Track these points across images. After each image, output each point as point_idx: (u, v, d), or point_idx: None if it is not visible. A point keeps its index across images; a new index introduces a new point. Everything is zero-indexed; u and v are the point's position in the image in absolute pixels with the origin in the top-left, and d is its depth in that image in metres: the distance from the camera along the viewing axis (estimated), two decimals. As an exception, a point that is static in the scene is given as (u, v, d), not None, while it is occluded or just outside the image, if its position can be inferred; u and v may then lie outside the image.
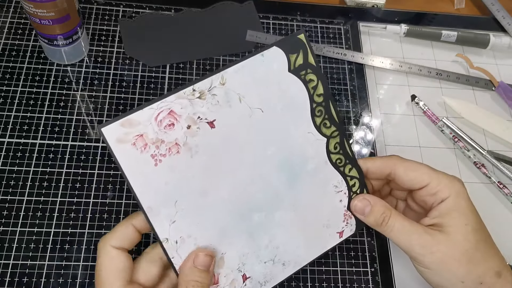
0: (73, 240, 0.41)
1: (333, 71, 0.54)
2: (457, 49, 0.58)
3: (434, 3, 0.63)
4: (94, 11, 0.54)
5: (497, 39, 0.58)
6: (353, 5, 0.60)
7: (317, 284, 0.42)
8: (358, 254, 0.44)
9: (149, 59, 0.51)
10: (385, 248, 0.44)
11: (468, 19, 0.61)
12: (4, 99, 0.47)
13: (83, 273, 0.40)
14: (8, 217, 0.41)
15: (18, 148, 0.44)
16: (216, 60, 0.53)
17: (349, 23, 0.58)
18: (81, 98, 0.48)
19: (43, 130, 0.46)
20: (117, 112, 0.48)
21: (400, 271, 0.43)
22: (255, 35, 0.54)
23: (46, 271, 0.40)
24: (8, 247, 0.40)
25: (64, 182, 0.43)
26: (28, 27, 0.51)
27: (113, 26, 0.53)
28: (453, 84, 0.56)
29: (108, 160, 0.45)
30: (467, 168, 0.50)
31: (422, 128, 0.52)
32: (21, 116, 0.46)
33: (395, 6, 0.61)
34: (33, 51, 0.50)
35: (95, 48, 0.51)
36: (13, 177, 0.43)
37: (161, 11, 0.55)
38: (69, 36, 0.46)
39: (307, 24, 0.57)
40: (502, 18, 0.60)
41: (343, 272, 0.43)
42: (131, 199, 0.44)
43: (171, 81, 0.51)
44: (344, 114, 0.51)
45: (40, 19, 0.43)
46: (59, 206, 0.42)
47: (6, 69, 0.48)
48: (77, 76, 0.49)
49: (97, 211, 0.43)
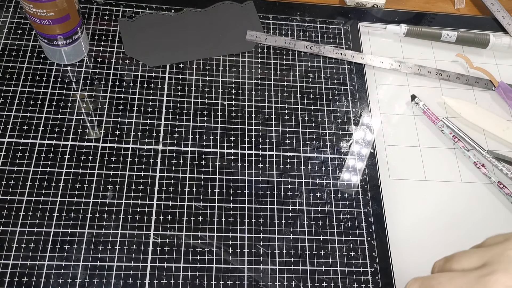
0: (73, 240, 0.41)
1: (333, 71, 0.54)
2: (457, 49, 0.58)
3: (434, 3, 0.63)
4: (94, 11, 0.54)
5: (497, 39, 0.58)
6: (353, 5, 0.60)
7: (317, 284, 0.42)
8: (358, 254, 0.44)
9: (149, 59, 0.51)
10: (385, 248, 0.44)
11: (468, 19, 0.61)
12: (4, 99, 0.47)
13: (83, 273, 0.40)
14: (8, 217, 0.41)
15: (18, 148, 0.44)
16: (216, 60, 0.53)
17: (349, 23, 0.58)
18: (81, 98, 0.48)
19: (43, 130, 0.46)
20: (117, 112, 0.48)
21: (400, 271, 0.43)
22: (255, 35, 0.54)
23: (46, 271, 0.40)
24: (8, 247, 0.40)
25: (64, 182, 0.43)
26: (28, 27, 0.51)
27: (113, 26, 0.53)
28: (453, 84, 0.56)
29: (108, 160, 0.45)
30: (467, 168, 0.50)
31: (422, 128, 0.52)
32: (21, 116, 0.46)
33: (395, 6, 0.61)
34: (33, 51, 0.50)
35: (95, 48, 0.51)
36: (13, 177, 0.43)
37: (161, 11, 0.55)
38: (69, 36, 0.46)
39: (307, 24, 0.57)
40: (502, 18, 0.60)
41: (343, 272, 0.43)
42: (131, 199, 0.44)
43: (171, 81, 0.51)
44: (344, 114, 0.51)
45: (40, 19, 0.43)
46: (59, 206, 0.42)
47: (6, 69, 0.48)
48: (77, 76, 0.49)
49: (97, 211, 0.43)
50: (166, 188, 0.45)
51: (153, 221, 0.43)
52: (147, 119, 0.48)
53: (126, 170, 0.45)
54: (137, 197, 0.44)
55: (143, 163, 0.45)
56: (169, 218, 0.43)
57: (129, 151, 0.46)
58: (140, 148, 0.46)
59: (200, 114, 0.49)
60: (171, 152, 0.47)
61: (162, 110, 0.49)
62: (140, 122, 0.48)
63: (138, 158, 0.46)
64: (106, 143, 0.46)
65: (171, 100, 0.49)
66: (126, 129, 0.47)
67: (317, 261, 0.43)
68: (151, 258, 0.41)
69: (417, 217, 0.47)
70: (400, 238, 0.45)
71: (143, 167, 0.45)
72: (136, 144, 0.46)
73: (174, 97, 0.50)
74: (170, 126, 0.48)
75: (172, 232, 0.43)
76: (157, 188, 0.44)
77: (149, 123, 0.48)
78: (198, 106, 0.50)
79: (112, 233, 0.42)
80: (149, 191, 0.44)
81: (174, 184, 0.45)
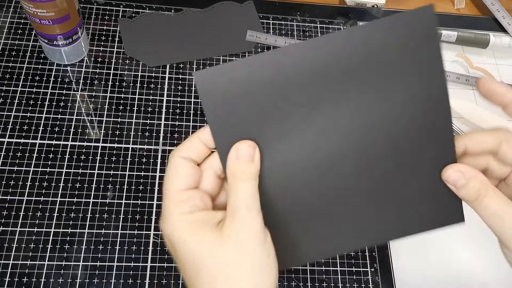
0: (73, 240, 0.41)
1: (333, 71, 0.54)
2: (457, 49, 0.58)
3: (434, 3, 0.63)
4: (94, 11, 0.54)
5: (497, 39, 0.58)
6: (353, 5, 0.60)
7: (317, 284, 0.42)
8: (358, 254, 0.44)
9: (149, 59, 0.51)
10: (385, 248, 0.44)
11: (468, 19, 0.61)
12: (4, 99, 0.47)
13: (83, 273, 0.40)
14: (8, 217, 0.41)
15: (18, 148, 0.44)
16: (216, 60, 0.53)
17: (349, 23, 0.58)
18: (81, 98, 0.48)
19: (43, 130, 0.46)
20: (117, 112, 0.48)
21: (400, 271, 0.43)
22: (255, 35, 0.54)
23: (46, 271, 0.40)
24: (8, 247, 0.40)
25: (64, 182, 0.43)
26: (28, 27, 0.51)
27: (113, 26, 0.53)
28: (453, 84, 0.56)
29: (108, 160, 0.45)
30: (467, 168, 0.50)
31: (422, 128, 0.52)
32: (21, 116, 0.46)
33: (395, 6, 0.61)
34: (33, 51, 0.50)
35: (95, 48, 0.51)
36: (13, 177, 0.43)
37: (161, 11, 0.55)
38: (69, 36, 0.46)
39: (307, 24, 0.57)
40: (502, 18, 0.60)
41: (343, 272, 0.43)
42: (131, 199, 0.44)
43: (171, 81, 0.51)
44: (344, 114, 0.51)
45: (40, 19, 0.43)
46: (59, 206, 0.42)
47: (6, 69, 0.48)
48: (77, 76, 0.49)
49: (97, 211, 0.43)
50: (166, 188, 0.45)
51: (153, 221, 0.43)
52: (147, 119, 0.48)
53: (126, 170, 0.45)
54: (137, 197, 0.44)
55: (143, 163, 0.45)
56: (169, 218, 0.43)
57: (129, 151, 0.46)
58: (140, 148, 0.46)
59: (200, 114, 0.49)
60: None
61: (162, 110, 0.49)
62: (140, 122, 0.48)
63: (138, 158, 0.46)
64: (106, 143, 0.46)
65: (171, 100, 0.49)
66: (126, 129, 0.47)
67: (317, 261, 0.43)
68: (151, 258, 0.41)
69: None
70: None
71: (143, 167, 0.45)
72: (136, 144, 0.46)
73: (174, 97, 0.50)
74: (170, 126, 0.48)
75: (172, 232, 0.43)
76: (157, 188, 0.44)
77: (149, 123, 0.48)
78: (198, 106, 0.50)
79: (112, 233, 0.42)
80: (149, 191, 0.44)
81: (174, 184, 0.45)
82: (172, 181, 0.30)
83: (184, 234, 0.29)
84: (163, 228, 0.29)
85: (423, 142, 0.33)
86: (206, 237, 0.28)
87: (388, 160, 0.32)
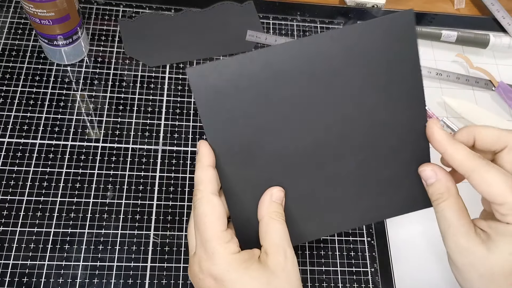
0: (73, 240, 0.41)
1: (333, 71, 0.54)
2: (457, 49, 0.58)
3: (434, 3, 0.63)
4: (94, 11, 0.54)
5: (497, 39, 0.58)
6: (353, 5, 0.60)
7: (317, 284, 0.42)
8: (358, 254, 0.44)
9: (149, 59, 0.51)
10: (385, 248, 0.44)
11: (468, 19, 0.61)
12: (4, 99, 0.47)
13: (83, 273, 0.40)
14: (8, 217, 0.41)
15: (18, 148, 0.44)
16: (216, 60, 0.53)
17: (349, 23, 0.58)
18: (81, 98, 0.48)
19: (43, 130, 0.46)
20: (117, 112, 0.48)
21: (400, 271, 0.43)
22: (255, 35, 0.54)
23: (46, 271, 0.40)
24: (8, 247, 0.40)
25: (64, 182, 0.43)
26: (28, 27, 0.51)
27: (113, 26, 0.53)
28: (453, 84, 0.56)
29: (108, 160, 0.45)
30: (467, 168, 0.50)
31: (422, 128, 0.52)
32: (21, 116, 0.46)
33: (395, 6, 0.61)
34: (33, 51, 0.50)
35: (95, 48, 0.51)
36: (13, 177, 0.43)
37: (161, 11, 0.55)
38: (69, 36, 0.46)
39: (307, 24, 0.57)
40: (502, 18, 0.60)
41: (343, 272, 0.43)
42: (131, 199, 0.44)
43: (171, 81, 0.51)
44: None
45: (40, 19, 0.43)
46: (59, 206, 0.42)
47: (6, 69, 0.48)
48: (77, 76, 0.49)
49: (97, 211, 0.43)
50: (166, 188, 0.45)
51: (153, 221, 0.43)
52: (147, 119, 0.48)
53: (126, 170, 0.45)
54: (137, 197, 0.44)
55: (143, 163, 0.45)
56: (169, 218, 0.43)
57: (129, 151, 0.46)
58: (140, 148, 0.46)
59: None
60: (171, 152, 0.47)
61: (162, 110, 0.49)
62: (140, 122, 0.48)
63: (138, 158, 0.46)
64: (106, 143, 0.46)
65: (171, 100, 0.49)
66: (126, 129, 0.47)
67: (317, 261, 0.43)
68: (151, 258, 0.41)
69: (417, 216, 0.46)
70: (400, 238, 0.45)
71: (143, 167, 0.45)
72: (136, 144, 0.46)
73: (174, 97, 0.50)
74: (170, 126, 0.48)
75: (172, 232, 0.43)
76: (157, 188, 0.44)
77: (149, 123, 0.48)
78: (198, 106, 0.50)
79: (112, 233, 0.42)
80: (149, 191, 0.44)
81: (174, 184, 0.45)
82: (213, 221, 0.32)
83: (238, 274, 0.30)
84: (210, 270, 0.31)
85: (401, 136, 0.35)
86: (256, 272, 0.31)
87: (367, 150, 0.34)
